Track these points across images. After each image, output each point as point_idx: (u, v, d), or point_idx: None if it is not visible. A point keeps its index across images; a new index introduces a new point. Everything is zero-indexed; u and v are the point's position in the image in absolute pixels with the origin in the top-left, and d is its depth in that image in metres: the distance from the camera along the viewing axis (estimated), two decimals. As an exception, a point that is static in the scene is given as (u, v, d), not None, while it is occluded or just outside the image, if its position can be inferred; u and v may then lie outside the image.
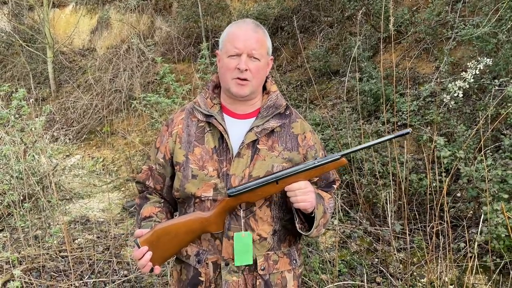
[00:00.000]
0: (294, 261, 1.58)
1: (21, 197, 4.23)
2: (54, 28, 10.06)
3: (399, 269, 3.21)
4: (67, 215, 4.84)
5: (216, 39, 7.57)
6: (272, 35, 7.15)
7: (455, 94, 3.37)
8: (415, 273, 3.18)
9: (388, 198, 3.28)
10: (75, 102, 8.58)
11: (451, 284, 2.85)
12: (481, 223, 2.62)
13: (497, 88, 3.74)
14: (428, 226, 3.15)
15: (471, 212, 3.40)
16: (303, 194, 1.41)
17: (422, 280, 3.11)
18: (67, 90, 9.22)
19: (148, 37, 8.76)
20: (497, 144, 3.56)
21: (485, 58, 3.33)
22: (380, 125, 4.51)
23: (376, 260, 3.40)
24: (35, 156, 4.77)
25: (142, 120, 6.97)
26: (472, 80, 3.35)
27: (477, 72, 3.37)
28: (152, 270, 1.45)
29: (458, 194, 3.53)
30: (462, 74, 3.41)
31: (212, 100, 1.57)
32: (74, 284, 3.32)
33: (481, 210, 2.99)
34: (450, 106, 3.75)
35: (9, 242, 4.00)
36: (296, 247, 1.61)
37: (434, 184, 3.18)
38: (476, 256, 2.50)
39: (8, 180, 4.32)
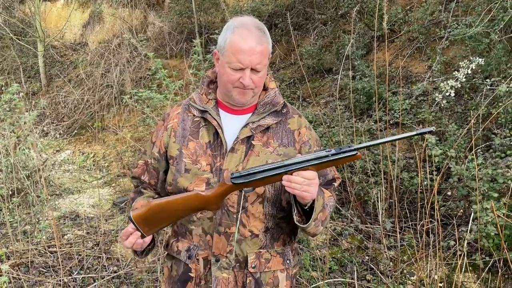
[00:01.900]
0: (287, 261, 1.55)
1: (10, 192, 4.18)
2: (45, 21, 9.96)
3: (389, 267, 3.22)
4: (57, 211, 4.79)
5: (209, 35, 7.54)
6: (266, 32, 7.09)
7: (447, 93, 3.39)
8: (405, 271, 3.20)
9: (379, 196, 3.29)
10: (66, 97, 8.49)
11: (440, 282, 2.87)
12: (471, 221, 2.64)
13: (488, 87, 3.77)
14: (419, 224, 3.17)
15: (461, 210, 3.42)
16: (308, 184, 1.33)
17: (412, 278, 3.12)
18: (58, 84, 9.13)
19: (140, 32, 8.69)
20: (487, 143, 3.58)
21: (477, 58, 3.35)
22: (373, 123, 4.52)
23: (367, 257, 3.41)
24: (26, 151, 4.72)
25: (133, 116, 6.92)
26: (464, 79, 3.37)
27: (469, 72, 3.38)
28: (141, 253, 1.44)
29: (449, 193, 3.55)
30: (454, 73, 3.43)
31: (207, 95, 1.55)
32: (62, 279, 3.29)
33: (471, 209, 3.01)
34: (442, 105, 3.76)
35: (-3, 237, 3.95)
36: (290, 247, 1.58)
37: (425, 183, 3.19)
38: (466, 255, 2.52)
39: (-3, 174, 4.27)
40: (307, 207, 1.43)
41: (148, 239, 1.44)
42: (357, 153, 1.36)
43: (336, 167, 1.72)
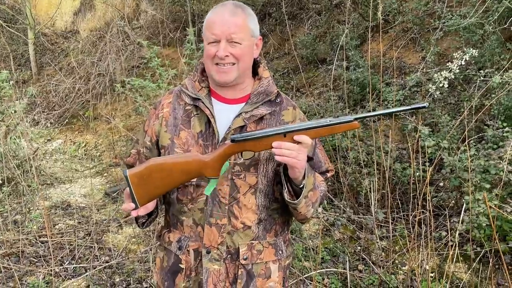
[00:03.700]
0: (280, 252, 1.53)
1: (0, 181, 4.14)
2: (35, 8, 9.79)
3: (381, 257, 3.24)
4: (48, 200, 4.75)
5: (203, 24, 7.48)
6: (260, 21, 6.98)
7: (441, 85, 3.39)
8: (396, 261, 3.22)
9: (372, 186, 3.30)
10: (57, 86, 8.39)
11: (432, 272, 2.89)
12: (462, 212, 2.65)
13: (482, 79, 3.77)
14: (411, 215, 3.18)
15: (453, 201, 3.44)
16: (298, 150, 1.32)
17: (404, 268, 3.15)
18: (48, 73, 9.01)
19: (133, 20, 8.59)
20: (480, 134, 3.59)
21: (471, 49, 3.35)
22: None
23: (359, 248, 3.43)
24: (17, 140, 4.67)
25: (126, 105, 6.86)
26: (457, 70, 3.37)
27: (463, 63, 3.38)
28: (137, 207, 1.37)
29: (441, 184, 3.57)
30: (448, 64, 3.42)
31: (200, 83, 1.52)
32: (54, 269, 3.27)
33: (463, 200, 3.02)
34: (435, 96, 3.77)
35: (-13, 226, 3.91)
36: (283, 238, 1.57)
37: (417, 174, 3.20)
38: (457, 245, 2.53)
39: (-14, 164, 4.23)
40: (301, 186, 1.39)
41: (151, 205, 1.41)
42: (354, 121, 1.37)
43: (329, 158, 1.71)
